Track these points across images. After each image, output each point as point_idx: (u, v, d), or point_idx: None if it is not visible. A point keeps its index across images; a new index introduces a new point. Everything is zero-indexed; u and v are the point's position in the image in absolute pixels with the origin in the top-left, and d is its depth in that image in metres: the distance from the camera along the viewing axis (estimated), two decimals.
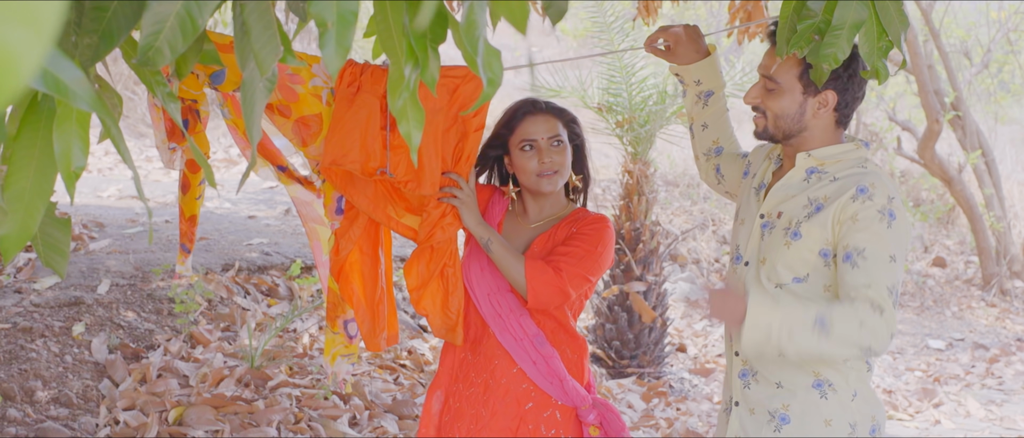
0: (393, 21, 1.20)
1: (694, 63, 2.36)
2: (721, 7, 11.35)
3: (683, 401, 5.36)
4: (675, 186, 10.65)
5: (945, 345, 7.62)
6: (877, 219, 2.00)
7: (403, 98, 1.23)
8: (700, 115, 2.42)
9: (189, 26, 1.10)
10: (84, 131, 1.10)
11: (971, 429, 5.44)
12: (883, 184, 2.04)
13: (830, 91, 2.08)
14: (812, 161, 2.12)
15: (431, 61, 1.21)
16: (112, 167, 8.45)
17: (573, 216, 2.45)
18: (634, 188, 5.89)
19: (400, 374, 4.61)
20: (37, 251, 1.26)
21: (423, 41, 1.20)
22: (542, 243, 2.41)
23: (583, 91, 5.86)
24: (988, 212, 9.59)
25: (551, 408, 2.39)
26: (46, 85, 0.90)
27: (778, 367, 2.13)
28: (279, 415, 3.77)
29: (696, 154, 2.49)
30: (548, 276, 2.29)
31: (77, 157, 1.10)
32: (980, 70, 10.66)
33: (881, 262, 1.98)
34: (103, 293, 4.39)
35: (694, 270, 8.56)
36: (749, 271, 2.18)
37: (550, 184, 2.38)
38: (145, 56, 1.09)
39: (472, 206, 2.36)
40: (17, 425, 3.42)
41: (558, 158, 2.38)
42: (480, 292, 2.40)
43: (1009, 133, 13.78)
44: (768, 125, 2.14)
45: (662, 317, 5.88)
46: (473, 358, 2.43)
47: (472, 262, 2.42)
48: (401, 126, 1.24)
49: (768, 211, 2.16)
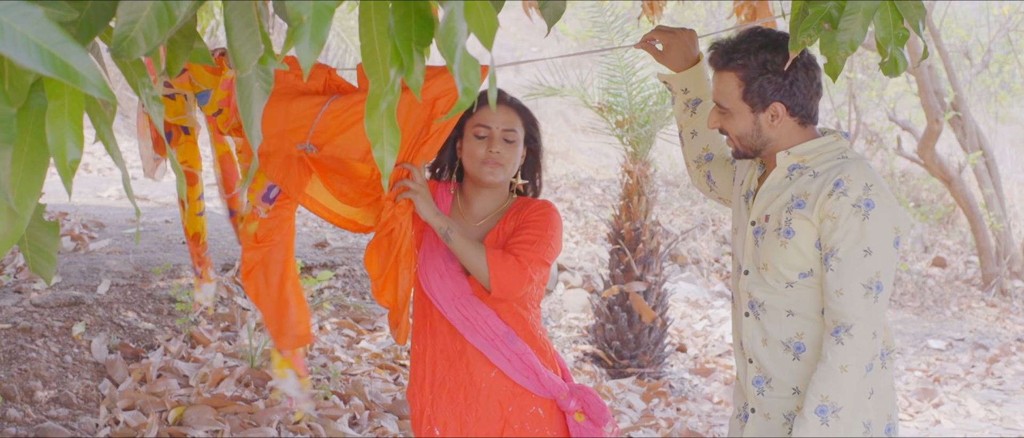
0: (377, 22, 1.18)
1: (682, 71, 2.38)
2: (721, 7, 11.35)
3: (683, 401, 5.36)
4: (675, 186, 10.65)
5: (945, 345, 7.62)
6: (851, 213, 2.01)
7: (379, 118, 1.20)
8: (689, 123, 2.44)
9: (165, 18, 1.09)
10: (77, 124, 1.09)
11: (971, 429, 5.43)
12: (860, 174, 2.04)
13: (776, 103, 2.10)
14: (792, 158, 2.13)
15: (416, 64, 1.20)
16: (112, 167, 8.46)
17: (516, 206, 2.43)
18: (634, 188, 5.89)
19: (400, 374, 4.61)
20: (24, 256, 1.24)
21: (408, 43, 1.19)
22: (492, 240, 2.39)
23: (583, 90, 5.86)
24: (988, 212, 9.59)
25: (533, 405, 2.37)
26: (55, 71, 0.90)
27: (794, 373, 2.14)
28: (279, 415, 3.77)
29: (687, 161, 2.50)
30: (510, 262, 2.29)
31: (72, 150, 1.09)
32: (980, 70, 10.66)
33: (855, 259, 2.01)
34: (103, 293, 4.39)
35: (694, 270, 8.56)
36: (751, 279, 2.18)
37: (492, 174, 2.35)
38: (119, 46, 1.09)
39: (427, 196, 2.32)
40: (17, 425, 3.42)
41: (507, 152, 2.36)
42: (443, 299, 2.37)
43: (1009, 133, 13.78)
44: (736, 145, 2.18)
45: (662, 317, 5.88)
46: (448, 367, 2.39)
47: (430, 269, 2.38)
48: (375, 151, 1.21)
49: (757, 217, 2.17)
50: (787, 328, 2.13)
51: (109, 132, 1.21)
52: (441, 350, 2.40)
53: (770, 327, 2.15)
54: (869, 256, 2.00)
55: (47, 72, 0.88)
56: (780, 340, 2.14)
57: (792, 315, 2.12)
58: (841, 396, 2.02)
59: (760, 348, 2.16)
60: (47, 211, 5.22)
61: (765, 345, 2.16)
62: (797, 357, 2.12)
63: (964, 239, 10.62)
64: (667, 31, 2.40)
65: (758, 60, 2.06)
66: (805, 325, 2.12)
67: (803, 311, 2.11)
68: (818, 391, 2.03)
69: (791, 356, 2.13)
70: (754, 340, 2.18)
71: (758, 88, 2.08)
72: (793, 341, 2.13)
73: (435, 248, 2.39)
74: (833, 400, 2.02)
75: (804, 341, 2.12)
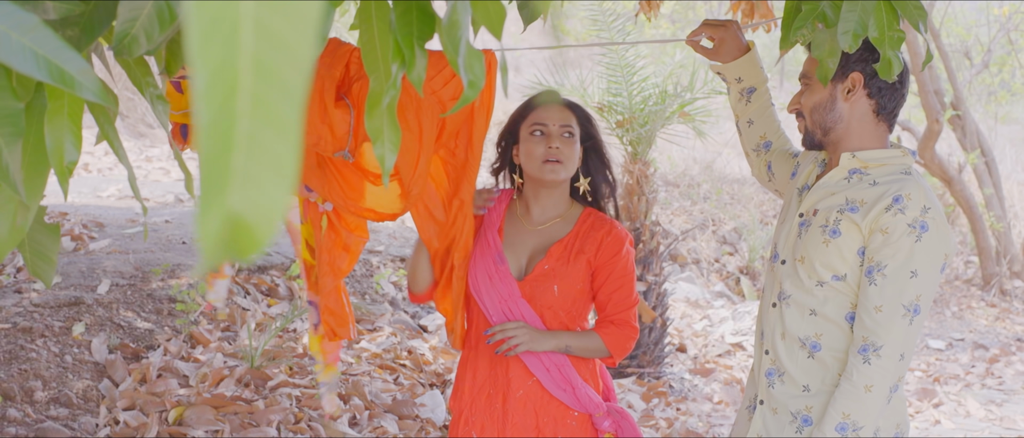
0: (377, 20, 1.17)
1: (734, 60, 2.36)
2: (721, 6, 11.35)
3: (683, 401, 5.36)
4: (675, 186, 10.65)
5: (945, 345, 7.62)
6: (906, 233, 1.99)
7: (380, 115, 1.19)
8: (744, 112, 2.42)
9: (167, 16, 1.09)
10: (76, 125, 1.09)
11: (971, 429, 5.43)
12: (920, 194, 2.02)
13: (855, 72, 2.08)
14: (855, 162, 2.11)
15: (418, 59, 1.18)
16: (112, 167, 8.45)
17: (589, 222, 2.39)
18: (634, 188, 5.90)
19: (400, 374, 4.61)
20: (24, 258, 1.24)
21: (410, 38, 1.17)
22: (559, 252, 2.35)
23: (583, 90, 5.86)
24: (988, 212, 9.59)
25: (567, 417, 2.38)
26: (51, 76, 0.90)
27: (807, 370, 2.13)
28: (279, 415, 3.77)
29: (746, 151, 2.48)
30: (624, 332, 2.35)
31: (70, 152, 1.09)
32: (980, 70, 10.65)
33: (901, 278, 1.99)
34: (103, 293, 4.39)
35: (694, 270, 8.56)
36: (786, 269, 2.18)
37: (553, 172, 2.30)
38: (121, 44, 1.08)
39: (534, 334, 2.32)
40: (17, 425, 3.41)
41: (566, 148, 2.31)
42: (491, 302, 2.35)
43: (1009, 133, 13.78)
44: (807, 124, 2.17)
45: (662, 317, 5.88)
46: (488, 372, 2.39)
47: (480, 272, 2.36)
48: (376, 148, 1.20)
49: (806, 210, 2.16)
50: (806, 326, 2.13)
51: (113, 132, 1.20)
52: (484, 354, 2.40)
53: (790, 322, 2.14)
54: (915, 278, 1.99)
55: (44, 78, 0.88)
56: (798, 336, 2.14)
57: (814, 315, 2.12)
58: (863, 416, 2.01)
59: (778, 341, 2.17)
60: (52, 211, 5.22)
61: (783, 339, 2.16)
62: (812, 355, 2.12)
63: (964, 239, 10.62)
64: (715, 25, 2.37)
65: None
66: (825, 327, 2.11)
67: (826, 313, 2.10)
68: (840, 408, 2.02)
69: (806, 353, 2.13)
70: (774, 332, 2.18)
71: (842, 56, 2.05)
72: (810, 340, 2.12)
73: (486, 252, 2.37)
74: (855, 419, 2.02)
75: (821, 342, 2.11)
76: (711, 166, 11.11)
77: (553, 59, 6.90)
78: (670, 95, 5.70)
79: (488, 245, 2.38)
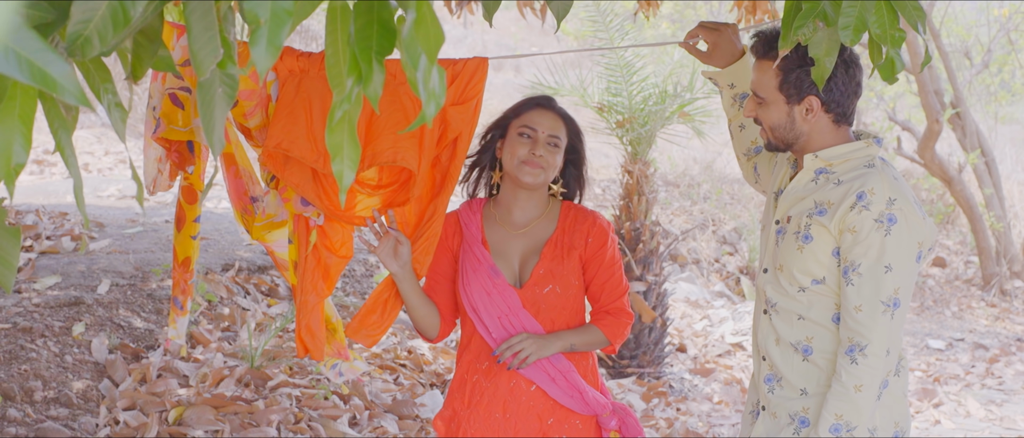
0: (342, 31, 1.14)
1: (728, 66, 2.35)
2: (722, 7, 11.35)
3: (683, 401, 5.36)
4: (675, 186, 10.65)
5: (945, 345, 7.62)
6: (874, 229, 1.99)
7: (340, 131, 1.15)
8: (737, 116, 2.41)
9: (120, 17, 1.07)
10: (27, 127, 1.07)
11: (971, 429, 5.44)
12: (883, 187, 2.01)
13: (811, 96, 2.07)
14: (819, 162, 2.11)
15: (375, 74, 1.14)
16: (112, 167, 8.46)
17: (569, 215, 2.42)
18: (634, 188, 5.89)
19: (400, 374, 4.61)
20: None
21: (368, 52, 1.13)
22: (552, 251, 2.37)
23: (583, 90, 5.86)
24: (988, 212, 9.58)
25: (574, 419, 2.38)
26: (33, 79, 0.89)
27: (803, 374, 2.14)
28: (279, 415, 3.77)
29: (737, 154, 2.48)
30: (620, 319, 2.40)
31: (18, 153, 1.07)
32: (980, 70, 10.65)
33: (876, 275, 2.00)
34: (103, 293, 4.39)
35: (694, 270, 8.56)
36: (768, 278, 2.18)
37: (531, 176, 2.33)
38: (74, 45, 1.06)
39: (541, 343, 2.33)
40: (17, 425, 3.41)
41: (549, 156, 2.34)
42: (489, 317, 2.35)
43: (1009, 133, 13.78)
44: (768, 136, 2.16)
45: (662, 317, 5.88)
46: (487, 382, 2.37)
47: (475, 289, 2.36)
48: (334, 164, 1.16)
49: (781, 217, 2.17)
50: (797, 331, 2.14)
51: (68, 139, 1.18)
52: (479, 365, 2.39)
53: (781, 328, 2.15)
54: (889, 272, 1.99)
55: (25, 80, 0.88)
56: (790, 341, 2.14)
57: (803, 319, 2.13)
58: (856, 416, 2.02)
59: (773, 347, 2.17)
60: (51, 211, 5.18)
61: (777, 345, 2.17)
62: (806, 358, 2.13)
63: (964, 239, 10.62)
64: (711, 28, 2.35)
65: (798, 52, 2.03)
66: (815, 330, 2.12)
67: (813, 317, 2.11)
68: (833, 409, 2.03)
69: (800, 357, 2.14)
70: (768, 339, 2.18)
71: (795, 80, 2.06)
72: (802, 344, 2.13)
73: (478, 268, 2.37)
74: (848, 419, 2.03)
75: (812, 345, 2.12)
76: (711, 166, 11.11)
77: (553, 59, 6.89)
78: (670, 95, 5.70)
79: (478, 260, 2.37)
